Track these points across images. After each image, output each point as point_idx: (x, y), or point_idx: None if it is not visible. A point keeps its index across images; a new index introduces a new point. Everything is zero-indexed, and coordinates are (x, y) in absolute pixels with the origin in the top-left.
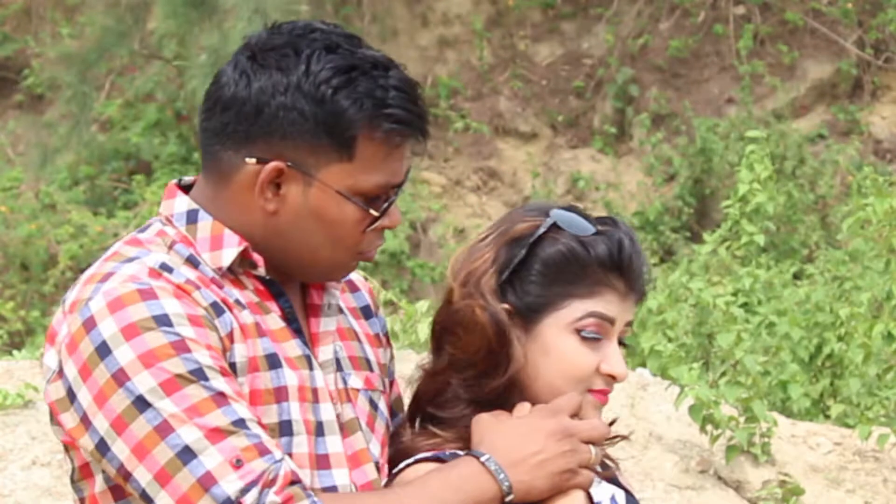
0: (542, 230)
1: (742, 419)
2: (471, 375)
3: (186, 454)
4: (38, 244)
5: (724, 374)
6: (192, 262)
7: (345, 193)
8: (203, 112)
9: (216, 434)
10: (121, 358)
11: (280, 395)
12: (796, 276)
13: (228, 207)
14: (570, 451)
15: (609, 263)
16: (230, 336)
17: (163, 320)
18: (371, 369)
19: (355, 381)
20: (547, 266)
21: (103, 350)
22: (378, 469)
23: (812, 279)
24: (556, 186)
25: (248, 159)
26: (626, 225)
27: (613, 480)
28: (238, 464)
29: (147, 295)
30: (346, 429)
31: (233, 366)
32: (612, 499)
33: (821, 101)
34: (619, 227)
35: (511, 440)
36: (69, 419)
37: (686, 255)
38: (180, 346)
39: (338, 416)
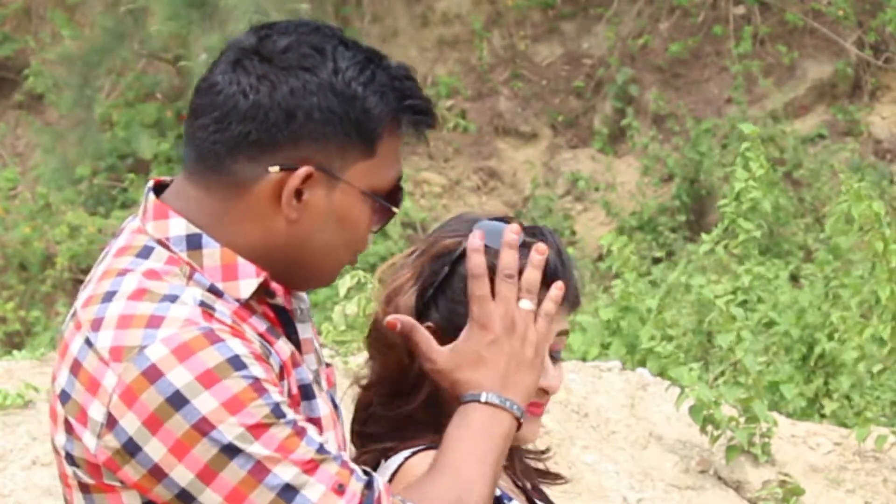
0: (464, 246)
1: (742, 419)
2: (385, 393)
3: (288, 492)
4: (36, 245)
5: (722, 373)
6: (215, 291)
7: (368, 192)
8: (209, 124)
9: (310, 466)
10: (202, 407)
11: (318, 426)
12: (794, 278)
13: (240, 222)
14: (521, 333)
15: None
16: (280, 374)
17: (237, 363)
18: (324, 363)
19: (323, 384)
20: None
21: (177, 400)
22: None
23: (808, 280)
24: (556, 186)
25: (271, 168)
26: (554, 235)
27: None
28: (340, 489)
29: (214, 338)
30: None
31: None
32: None
33: (820, 101)
34: (546, 239)
35: (483, 368)
36: (131, 472)
37: (685, 255)
38: (259, 388)
39: None
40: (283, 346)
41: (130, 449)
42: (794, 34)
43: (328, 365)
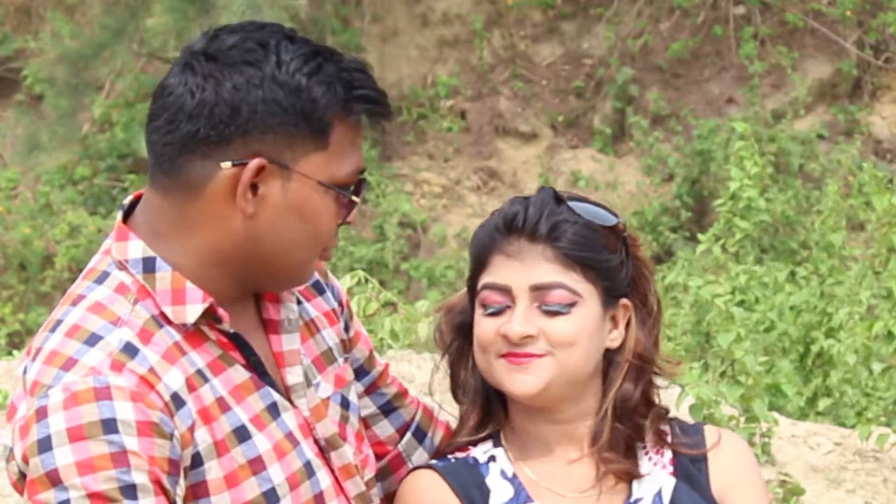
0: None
1: (742, 419)
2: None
3: None
4: (36, 245)
5: (723, 373)
6: (156, 322)
7: (325, 183)
8: (161, 126)
9: None
10: (59, 458)
11: (256, 466)
12: (793, 276)
13: (198, 225)
14: None
15: (495, 231)
16: (191, 428)
17: (110, 427)
18: (336, 359)
19: (325, 388)
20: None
21: (44, 444)
22: (359, 469)
23: (805, 279)
24: (556, 186)
25: (223, 164)
26: (545, 190)
27: (681, 467)
28: None
29: (102, 395)
30: (329, 446)
31: (197, 455)
32: (658, 494)
33: (821, 101)
34: (530, 195)
35: None
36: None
37: (684, 255)
38: (119, 460)
39: (316, 441)
40: (230, 377)
41: (22, 477)
42: (794, 34)
43: (346, 359)
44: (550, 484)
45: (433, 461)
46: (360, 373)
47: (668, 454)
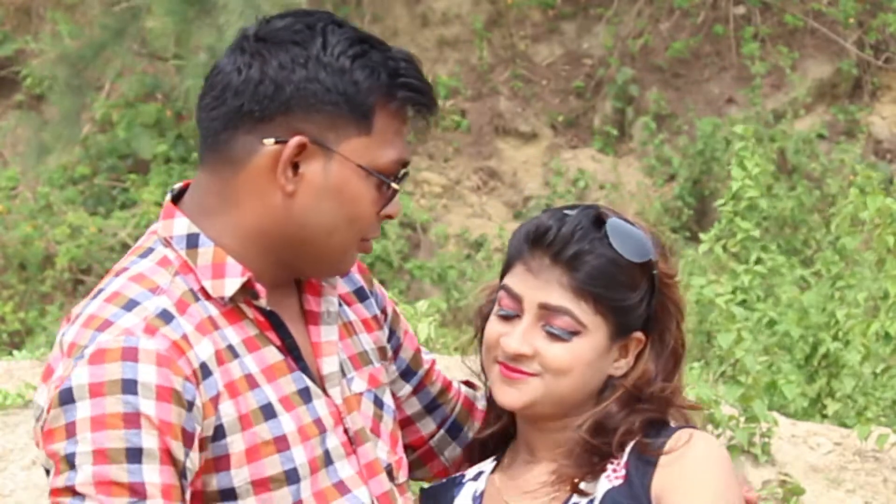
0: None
1: (742, 419)
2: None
3: None
4: (37, 245)
5: (723, 373)
6: (194, 295)
7: (366, 168)
8: (209, 102)
9: None
10: (78, 412)
11: (280, 444)
12: (802, 277)
13: (241, 200)
14: None
15: (525, 239)
16: (215, 399)
17: (129, 387)
18: (372, 362)
19: (359, 384)
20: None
21: (66, 395)
22: (391, 472)
23: (813, 280)
24: (556, 186)
25: (265, 140)
26: (587, 208)
27: (630, 470)
28: None
29: (128, 355)
30: (358, 439)
31: (220, 427)
32: (591, 501)
33: (821, 101)
34: (566, 210)
35: None
36: None
37: (686, 255)
38: (131, 421)
39: (346, 430)
40: (263, 356)
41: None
42: (794, 34)
43: (383, 365)
44: (510, 494)
45: (428, 484)
46: (407, 374)
47: (624, 458)
